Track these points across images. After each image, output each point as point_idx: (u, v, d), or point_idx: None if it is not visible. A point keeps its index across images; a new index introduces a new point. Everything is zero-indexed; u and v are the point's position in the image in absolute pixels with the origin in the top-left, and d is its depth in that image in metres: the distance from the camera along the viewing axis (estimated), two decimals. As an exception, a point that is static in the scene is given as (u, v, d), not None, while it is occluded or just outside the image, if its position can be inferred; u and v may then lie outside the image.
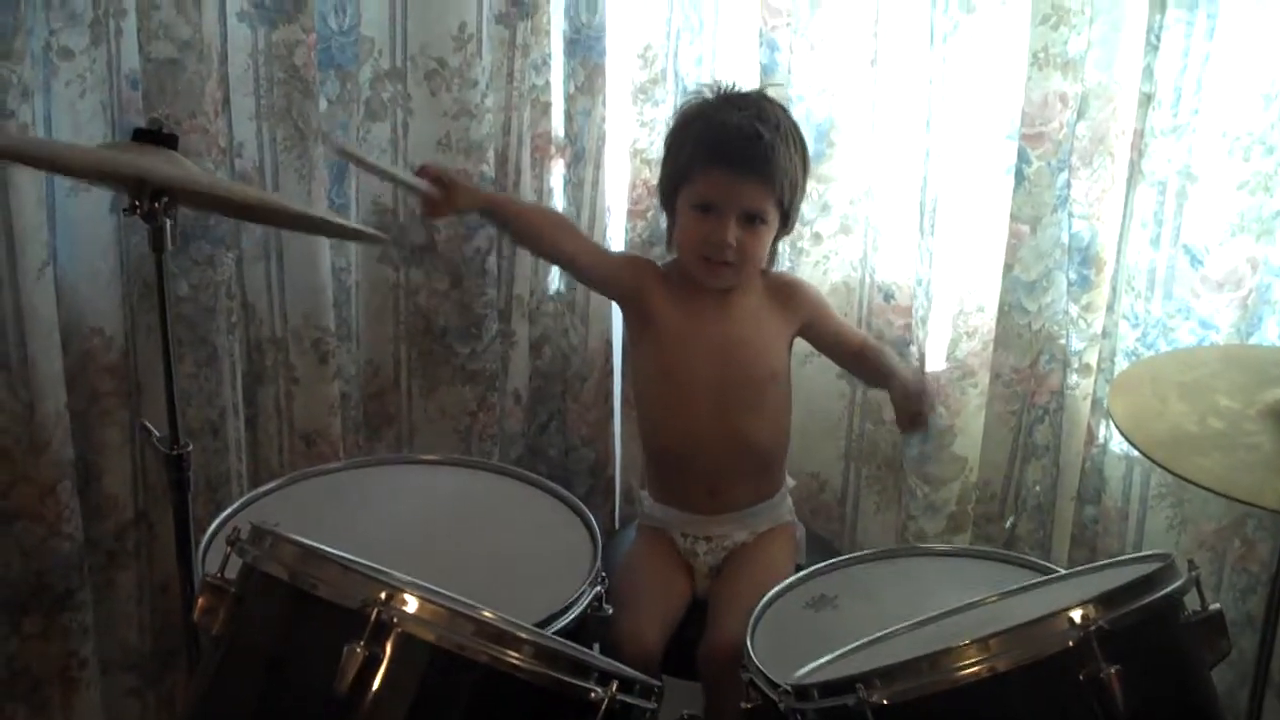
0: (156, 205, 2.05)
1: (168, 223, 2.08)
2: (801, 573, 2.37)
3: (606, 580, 2.22)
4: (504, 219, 2.64)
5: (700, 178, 2.49)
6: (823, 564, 2.39)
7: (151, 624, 2.72)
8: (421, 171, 2.54)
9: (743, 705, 2.02)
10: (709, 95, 2.56)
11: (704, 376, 2.55)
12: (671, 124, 2.64)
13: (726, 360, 2.55)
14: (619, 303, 2.73)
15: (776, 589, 2.29)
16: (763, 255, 2.54)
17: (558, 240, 2.64)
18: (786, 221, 2.56)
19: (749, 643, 2.12)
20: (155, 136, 2.14)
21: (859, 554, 2.46)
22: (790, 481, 2.69)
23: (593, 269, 2.66)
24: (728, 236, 2.47)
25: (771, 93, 2.62)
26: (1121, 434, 2.25)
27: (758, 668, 2.03)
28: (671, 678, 2.40)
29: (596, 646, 2.20)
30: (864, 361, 2.68)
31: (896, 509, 2.91)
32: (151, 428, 2.30)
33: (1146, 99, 2.59)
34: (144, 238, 2.15)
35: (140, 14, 2.44)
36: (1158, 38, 2.55)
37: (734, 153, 2.45)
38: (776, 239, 2.58)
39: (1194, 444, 2.17)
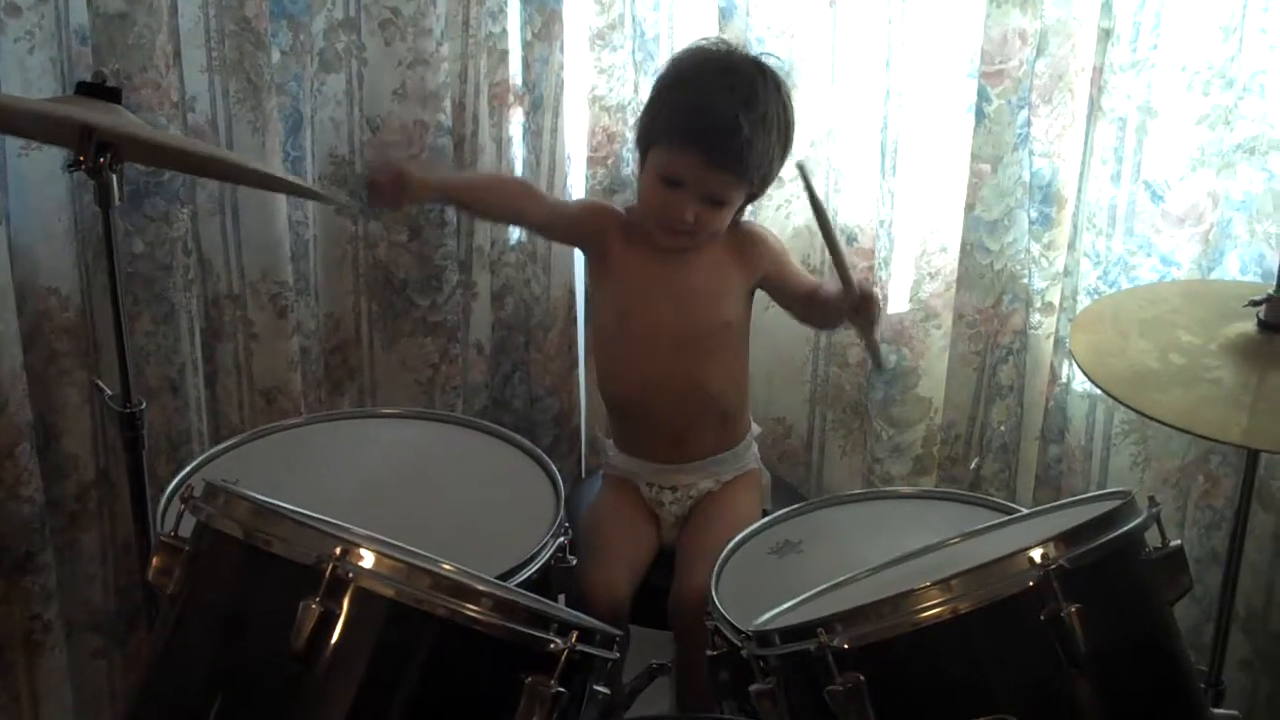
0: (101, 160, 2.03)
1: (113, 177, 2.06)
2: (766, 518, 2.37)
3: (570, 531, 2.21)
4: (462, 202, 2.64)
5: (671, 150, 2.43)
6: (788, 509, 2.39)
7: (115, 584, 2.71)
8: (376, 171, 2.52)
9: (708, 652, 2.02)
10: (709, 50, 2.50)
11: (660, 323, 2.53)
12: (664, 70, 2.56)
13: (682, 308, 2.53)
14: (580, 247, 2.71)
15: (741, 535, 2.29)
16: (721, 228, 2.50)
17: (521, 209, 2.63)
18: (753, 196, 2.55)
19: (714, 589, 2.11)
20: (99, 90, 2.12)
21: (824, 498, 2.46)
22: (756, 429, 2.68)
23: (557, 226, 2.66)
24: (686, 214, 2.43)
25: (770, 61, 2.53)
26: (1083, 372, 2.25)
27: (722, 614, 2.03)
28: (640, 627, 2.41)
29: (562, 598, 2.20)
30: (813, 304, 2.55)
31: (862, 452, 2.91)
32: (104, 386, 2.28)
33: (1105, 34, 2.58)
34: (93, 194, 2.13)
35: (88, -33, 2.41)
36: (1116, -27, 2.54)
37: (709, 142, 2.39)
38: (742, 206, 2.55)
39: (1155, 380, 2.17)
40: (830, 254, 2.39)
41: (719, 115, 2.38)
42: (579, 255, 2.92)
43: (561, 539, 2.17)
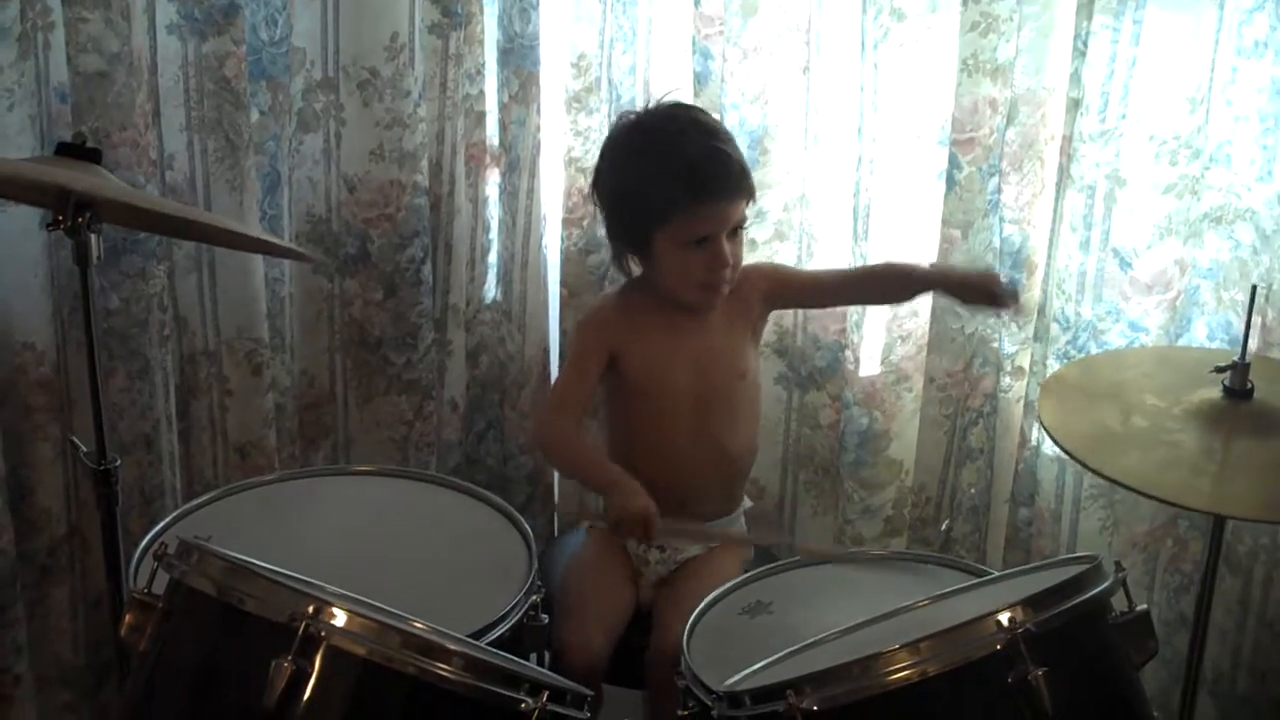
0: (80, 220, 2.04)
1: (92, 237, 2.07)
2: (738, 578, 2.37)
3: (543, 589, 2.22)
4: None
5: (690, 216, 2.43)
6: (759, 569, 2.39)
7: (86, 639, 2.70)
8: None
9: (680, 712, 2.03)
10: (641, 122, 2.52)
11: (681, 390, 2.53)
12: (612, 166, 2.56)
13: (701, 370, 2.53)
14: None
15: (713, 595, 2.29)
16: (743, 256, 2.53)
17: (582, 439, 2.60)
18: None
19: (685, 649, 2.12)
20: (79, 150, 2.13)
21: (796, 559, 2.46)
22: (747, 502, 2.68)
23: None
24: (727, 259, 2.45)
25: (680, 98, 2.60)
26: (1044, 429, 2.27)
27: (693, 674, 2.03)
28: (612, 686, 2.41)
29: (534, 656, 2.21)
30: (885, 281, 2.62)
31: (834, 514, 2.92)
32: (79, 443, 2.29)
33: (1075, 104, 2.62)
34: (71, 253, 2.14)
35: (68, 27, 2.42)
36: (1085, 44, 2.58)
37: (718, 184, 2.42)
38: None
39: (1113, 441, 2.20)
40: None
41: (706, 160, 2.43)
42: (554, 313, 2.94)
43: (534, 597, 2.17)
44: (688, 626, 2.19)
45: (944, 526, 2.93)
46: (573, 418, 2.55)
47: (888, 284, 2.62)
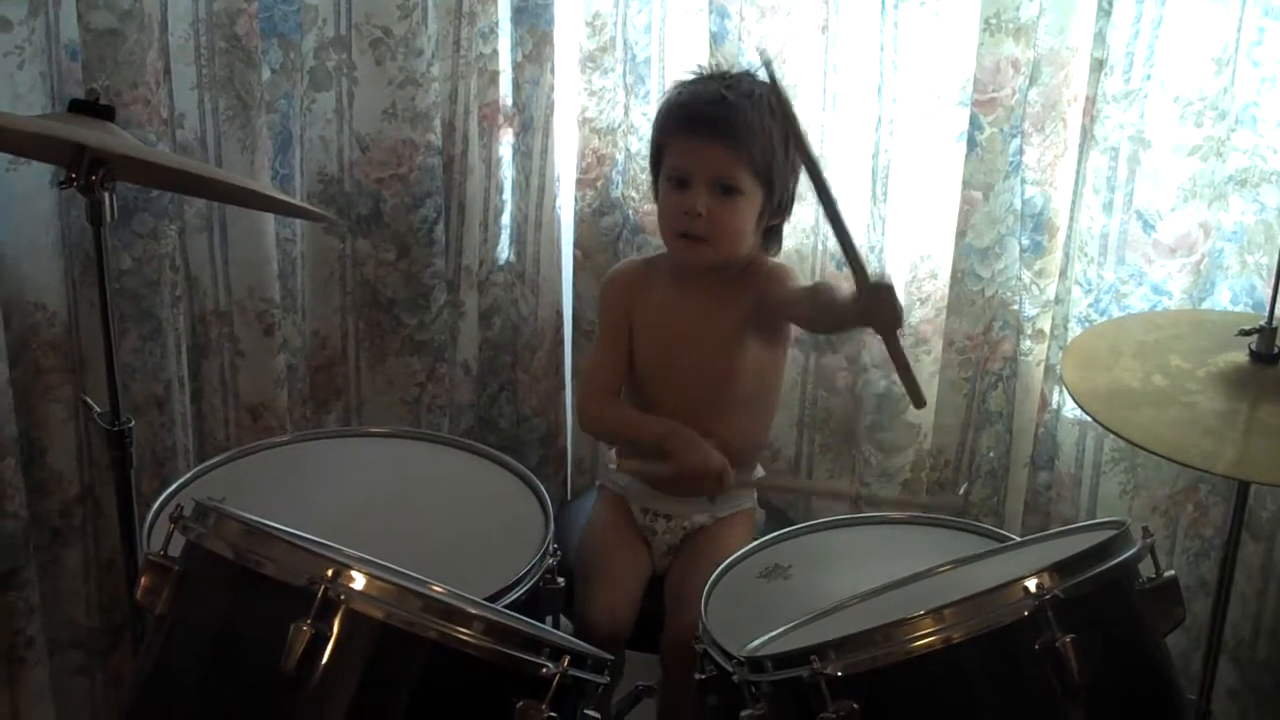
0: (94, 177, 2.03)
1: (106, 195, 2.05)
2: (755, 542, 2.35)
3: (558, 552, 2.20)
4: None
5: (669, 149, 2.43)
6: (776, 533, 2.37)
7: (99, 601, 2.69)
8: None
9: (697, 676, 2.01)
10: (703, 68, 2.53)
11: (667, 371, 2.51)
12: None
13: (688, 349, 2.50)
14: None
15: (730, 559, 2.27)
16: (738, 230, 2.42)
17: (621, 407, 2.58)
18: (772, 195, 2.44)
19: (703, 614, 2.10)
20: (92, 108, 2.11)
21: (812, 523, 2.44)
22: (760, 471, 2.65)
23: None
24: (696, 204, 2.38)
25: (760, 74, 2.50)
26: (1063, 385, 2.25)
27: (712, 639, 2.01)
28: (628, 650, 2.40)
29: (550, 619, 2.19)
30: (817, 298, 2.43)
31: (850, 477, 2.90)
32: (93, 404, 2.27)
33: (1098, 64, 2.58)
34: (84, 211, 2.13)
35: (79, -17, 2.40)
36: (1109, 3, 2.53)
37: (696, 116, 2.39)
38: (776, 223, 2.51)
39: (1128, 397, 2.18)
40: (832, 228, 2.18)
41: (703, 95, 2.41)
42: (567, 275, 2.93)
43: (550, 560, 2.16)
44: (705, 590, 2.17)
45: (962, 490, 2.91)
46: (609, 395, 2.56)
47: (819, 302, 2.41)
